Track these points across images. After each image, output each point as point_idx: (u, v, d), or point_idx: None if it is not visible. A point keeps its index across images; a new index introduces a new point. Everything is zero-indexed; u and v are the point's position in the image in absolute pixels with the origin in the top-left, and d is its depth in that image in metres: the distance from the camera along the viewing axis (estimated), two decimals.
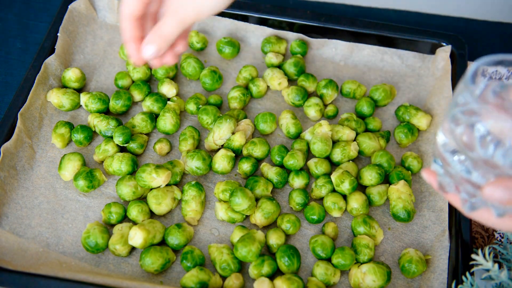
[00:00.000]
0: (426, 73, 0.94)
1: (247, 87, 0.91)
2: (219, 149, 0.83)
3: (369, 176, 0.80)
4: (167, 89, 0.87)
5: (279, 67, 0.93)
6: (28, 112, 0.81)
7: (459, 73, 0.88)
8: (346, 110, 0.91)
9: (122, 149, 0.83)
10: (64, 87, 0.87)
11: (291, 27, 0.95)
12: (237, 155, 0.84)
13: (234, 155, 0.81)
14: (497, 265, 0.62)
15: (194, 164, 0.79)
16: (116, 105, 0.85)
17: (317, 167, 0.81)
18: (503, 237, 0.80)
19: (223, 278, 0.73)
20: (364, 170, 0.81)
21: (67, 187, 0.79)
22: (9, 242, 0.73)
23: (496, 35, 1.04)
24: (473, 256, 0.62)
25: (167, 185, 0.78)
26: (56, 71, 0.87)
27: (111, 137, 0.82)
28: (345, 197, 0.80)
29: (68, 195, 0.79)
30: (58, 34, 0.88)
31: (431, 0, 1.07)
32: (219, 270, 0.72)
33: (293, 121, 0.86)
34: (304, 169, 0.82)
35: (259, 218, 0.76)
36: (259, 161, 0.84)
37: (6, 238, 0.73)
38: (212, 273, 0.72)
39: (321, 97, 0.90)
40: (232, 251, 0.73)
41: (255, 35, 0.96)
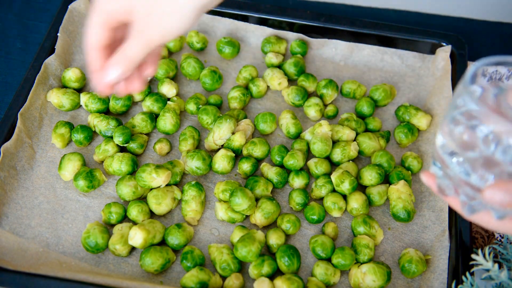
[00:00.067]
0: (426, 73, 0.94)
1: (247, 87, 0.91)
2: (219, 149, 0.83)
3: (369, 176, 0.80)
4: (167, 89, 0.87)
5: (279, 67, 0.93)
6: (28, 112, 0.81)
7: (459, 73, 0.88)
8: (346, 110, 0.91)
9: (122, 149, 0.83)
10: (64, 87, 0.87)
11: (291, 27, 0.95)
12: (237, 155, 0.84)
13: (234, 155, 0.81)
14: (497, 265, 0.62)
15: (194, 164, 0.79)
16: (116, 105, 0.85)
17: (317, 167, 0.81)
18: (503, 237, 0.80)
19: (223, 278, 0.73)
20: (364, 170, 0.81)
21: (67, 187, 0.79)
22: (9, 242, 0.73)
23: (496, 35, 1.04)
24: (473, 256, 0.62)
25: (167, 185, 0.78)
26: (56, 71, 0.87)
27: (111, 137, 0.82)
28: (345, 197, 0.80)
29: (68, 195, 0.79)
30: (58, 34, 0.88)
31: (431, 0, 1.07)
32: (219, 270, 0.72)
33: (293, 121, 0.86)
34: (304, 169, 0.82)
35: (259, 218, 0.76)
36: (259, 161, 0.84)
37: (6, 238, 0.73)
38: (212, 273, 0.72)
39: (321, 97, 0.90)
40: (232, 251, 0.73)
41: (255, 35, 0.96)
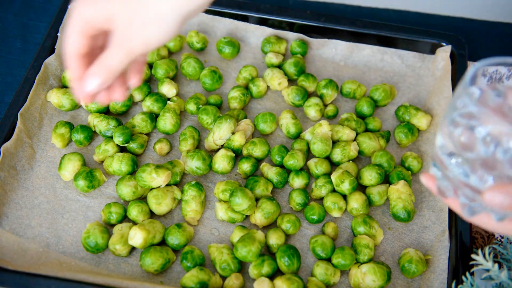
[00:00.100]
0: (426, 73, 0.94)
1: (247, 87, 0.91)
2: (219, 149, 0.83)
3: (369, 176, 0.80)
4: (167, 89, 0.87)
5: (279, 67, 0.93)
6: (28, 112, 0.81)
7: (459, 73, 0.88)
8: (346, 110, 0.91)
9: (122, 149, 0.83)
10: (64, 87, 0.87)
11: (291, 27, 0.95)
12: (237, 155, 0.84)
13: (234, 155, 0.81)
14: (497, 265, 0.62)
15: (194, 164, 0.79)
16: (116, 105, 0.85)
17: (317, 167, 0.81)
18: (503, 237, 0.80)
19: (223, 278, 0.73)
20: (364, 170, 0.81)
21: (67, 187, 0.79)
22: (9, 242, 0.73)
23: (496, 35, 1.04)
24: (473, 256, 0.62)
25: (167, 185, 0.78)
26: (56, 71, 0.87)
27: (111, 137, 0.82)
28: (345, 197, 0.80)
29: (68, 195, 0.79)
30: (58, 34, 0.88)
31: (431, 0, 1.07)
32: (219, 270, 0.72)
33: (293, 121, 0.86)
34: (304, 169, 0.82)
35: (259, 218, 0.76)
36: (259, 161, 0.84)
37: (6, 238, 0.73)
38: (212, 273, 0.72)
39: (321, 97, 0.90)
40: (232, 251, 0.73)
41: (255, 35, 0.96)
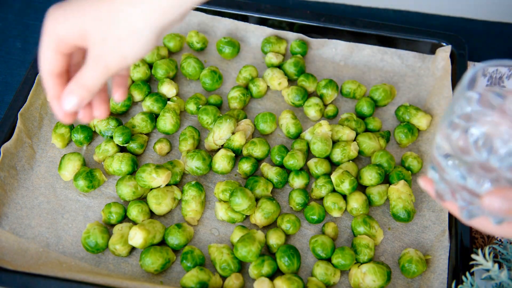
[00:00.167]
0: (426, 73, 0.94)
1: (247, 87, 0.91)
2: (219, 149, 0.83)
3: (369, 176, 0.80)
4: (167, 89, 0.87)
5: (279, 67, 0.93)
6: (28, 112, 0.81)
7: (459, 73, 0.88)
8: (346, 110, 0.91)
9: (122, 149, 0.83)
10: None
11: (291, 27, 0.95)
12: (237, 155, 0.84)
13: (234, 155, 0.81)
14: (497, 265, 0.62)
15: (194, 164, 0.79)
16: (116, 105, 0.85)
17: (317, 167, 0.81)
18: (503, 237, 0.80)
19: (223, 278, 0.73)
20: (364, 170, 0.81)
21: (67, 187, 0.79)
22: (9, 242, 0.73)
23: (496, 35, 1.04)
24: (473, 256, 0.62)
25: (167, 185, 0.78)
26: None
27: (111, 137, 0.82)
28: (345, 197, 0.80)
29: (68, 195, 0.79)
30: None
31: (431, 0, 1.07)
32: (219, 270, 0.72)
33: (293, 121, 0.86)
34: (304, 169, 0.82)
35: (259, 218, 0.76)
36: (259, 161, 0.84)
37: (6, 238, 0.73)
38: (212, 273, 0.72)
39: (321, 97, 0.90)
40: (232, 251, 0.73)
41: (255, 35, 0.96)
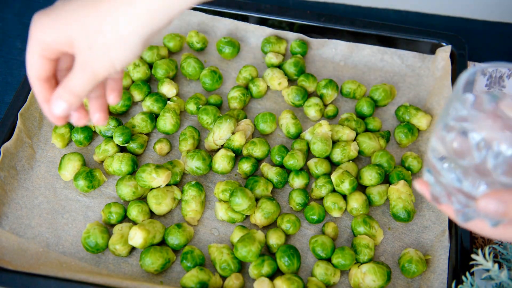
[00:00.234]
0: (426, 73, 0.94)
1: (247, 87, 0.91)
2: (219, 149, 0.83)
3: (369, 176, 0.80)
4: (167, 89, 0.87)
5: (279, 67, 0.93)
6: (28, 112, 0.81)
7: (459, 73, 0.88)
8: (346, 110, 0.91)
9: (122, 149, 0.83)
10: None
11: (291, 27, 0.95)
12: (237, 155, 0.84)
13: (234, 155, 0.81)
14: (497, 265, 0.62)
15: (194, 164, 0.79)
16: (116, 105, 0.85)
17: (317, 167, 0.81)
18: None
19: (223, 278, 0.73)
20: (364, 170, 0.81)
21: (67, 187, 0.79)
22: (9, 242, 0.73)
23: (496, 35, 1.04)
24: (473, 256, 0.62)
25: (167, 185, 0.78)
26: None
27: (111, 137, 0.82)
28: (345, 197, 0.80)
29: (68, 195, 0.79)
30: None
31: (431, 0, 1.07)
32: (219, 270, 0.72)
33: (293, 121, 0.86)
34: (304, 169, 0.82)
35: (259, 218, 0.76)
36: (259, 161, 0.84)
37: (6, 238, 0.73)
38: (212, 273, 0.72)
39: (321, 97, 0.90)
40: (232, 251, 0.73)
41: (255, 35, 0.96)
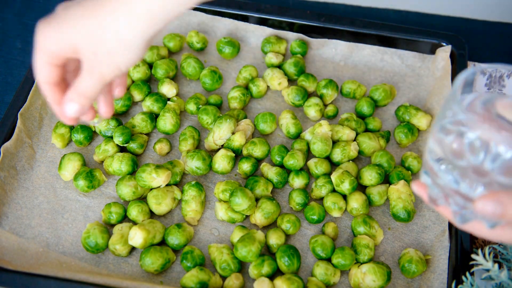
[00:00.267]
0: (426, 73, 0.94)
1: (247, 87, 0.91)
2: (219, 149, 0.83)
3: (369, 176, 0.80)
4: (167, 89, 0.87)
5: (279, 67, 0.93)
6: (28, 112, 0.81)
7: (459, 73, 0.88)
8: (346, 110, 0.91)
9: (122, 149, 0.83)
10: None
11: (291, 27, 0.95)
12: (237, 155, 0.84)
13: (234, 155, 0.81)
14: (497, 265, 0.62)
15: (194, 164, 0.79)
16: (116, 105, 0.85)
17: (317, 167, 0.81)
18: None
19: (223, 278, 0.73)
20: (364, 170, 0.81)
21: (67, 187, 0.79)
22: (9, 242, 0.73)
23: (496, 35, 1.04)
24: (473, 256, 0.62)
25: (167, 185, 0.78)
26: None
27: (111, 137, 0.82)
28: (345, 197, 0.80)
29: (68, 195, 0.79)
30: None
31: (431, 0, 1.07)
32: (219, 270, 0.72)
33: (293, 121, 0.86)
34: (304, 169, 0.82)
35: (259, 218, 0.76)
36: (259, 161, 0.84)
37: (6, 238, 0.73)
38: (212, 273, 0.72)
39: (321, 97, 0.90)
40: (232, 251, 0.73)
41: (255, 35, 0.96)
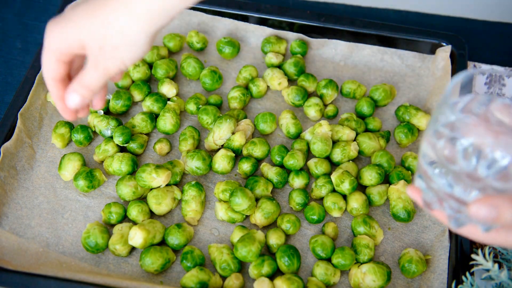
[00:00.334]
0: (426, 73, 0.94)
1: (247, 87, 0.91)
2: (219, 149, 0.83)
3: (369, 176, 0.80)
4: (167, 89, 0.87)
5: (279, 67, 0.93)
6: (28, 112, 0.81)
7: (457, 74, 0.88)
8: (346, 110, 0.91)
9: (122, 149, 0.83)
10: None
11: (291, 27, 0.95)
12: (237, 155, 0.84)
13: (234, 155, 0.81)
14: (497, 265, 0.62)
15: (194, 164, 0.79)
16: (116, 105, 0.85)
17: (317, 167, 0.81)
18: None
19: (223, 278, 0.73)
20: (364, 170, 0.81)
21: (67, 187, 0.79)
22: (9, 242, 0.73)
23: (496, 35, 1.04)
24: (473, 256, 0.62)
25: (167, 185, 0.78)
26: None
27: (111, 137, 0.82)
28: (345, 197, 0.80)
29: (68, 195, 0.79)
30: None
31: (431, 0, 1.07)
32: (219, 270, 0.72)
33: (293, 121, 0.86)
34: (304, 169, 0.82)
35: (259, 218, 0.76)
36: (259, 161, 0.84)
37: (6, 238, 0.73)
38: (212, 273, 0.72)
39: (321, 97, 0.90)
40: (232, 251, 0.73)
41: (255, 35, 0.96)
